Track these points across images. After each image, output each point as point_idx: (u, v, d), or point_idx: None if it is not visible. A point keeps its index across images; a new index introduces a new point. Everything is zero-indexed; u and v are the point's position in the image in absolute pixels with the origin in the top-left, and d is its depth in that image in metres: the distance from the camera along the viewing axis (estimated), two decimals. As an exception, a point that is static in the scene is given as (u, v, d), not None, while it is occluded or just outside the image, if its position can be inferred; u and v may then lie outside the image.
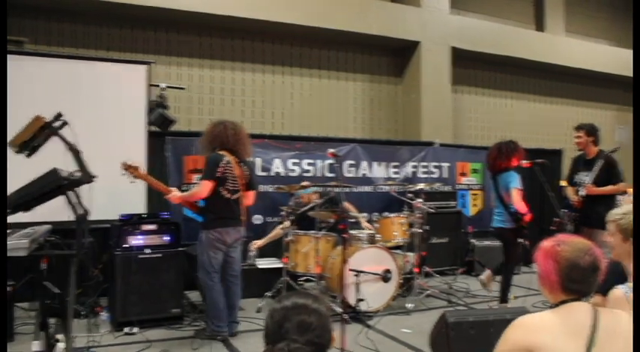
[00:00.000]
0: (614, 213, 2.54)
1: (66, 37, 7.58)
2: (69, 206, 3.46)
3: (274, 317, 1.59)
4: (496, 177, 5.79)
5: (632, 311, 2.22)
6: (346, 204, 6.12)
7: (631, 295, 2.27)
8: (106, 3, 7.26)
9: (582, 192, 5.69)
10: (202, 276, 4.90)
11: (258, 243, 6.42)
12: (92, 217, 3.63)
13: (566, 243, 2.02)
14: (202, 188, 4.77)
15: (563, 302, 2.00)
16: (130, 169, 4.86)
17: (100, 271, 5.57)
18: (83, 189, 3.60)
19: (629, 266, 2.45)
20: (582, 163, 5.97)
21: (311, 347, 1.52)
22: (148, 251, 5.22)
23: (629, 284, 2.32)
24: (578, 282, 1.97)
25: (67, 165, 3.57)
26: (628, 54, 12.89)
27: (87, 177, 3.56)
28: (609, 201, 5.65)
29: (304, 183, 6.41)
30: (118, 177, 4.94)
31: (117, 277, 5.08)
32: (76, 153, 3.61)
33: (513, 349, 1.95)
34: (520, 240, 5.58)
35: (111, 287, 5.35)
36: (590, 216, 5.60)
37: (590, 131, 5.92)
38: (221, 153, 4.88)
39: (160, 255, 5.26)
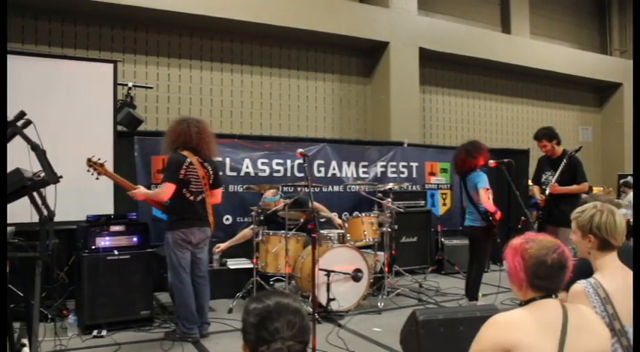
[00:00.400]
0: (576, 211, 2.60)
1: (29, 34, 7.41)
2: (33, 207, 3.39)
3: (257, 317, 1.56)
4: (465, 179, 5.88)
5: (591, 306, 2.28)
6: (316, 204, 6.11)
7: (590, 289, 2.33)
8: (74, 0, 7.13)
9: (547, 190, 5.81)
10: (172, 278, 4.85)
11: (221, 247, 6.37)
12: (58, 218, 3.56)
13: (533, 241, 2.06)
14: (165, 190, 4.69)
15: (532, 299, 2.04)
16: (94, 166, 4.77)
17: (65, 273, 5.47)
18: (49, 190, 3.52)
19: (594, 263, 2.51)
20: (548, 163, 6.10)
21: (300, 345, 1.52)
22: (116, 252, 5.13)
23: (591, 280, 2.38)
24: (545, 279, 2.01)
25: (32, 166, 3.49)
26: (591, 56, 13.25)
27: (52, 178, 3.49)
28: (574, 200, 5.77)
29: (271, 191, 6.39)
30: (85, 178, 4.85)
31: (84, 279, 4.98)
32: (40, 152, 3.53)
33: (490, 347, 1.97)
34: (494, 238, 5.68)
35: (78, 289, 5.25)
36: (555, 215, 5.73)
37: (550, 136, 6.04)
38: (184, 153, 4.80)
39: (128, 257, 5.17)
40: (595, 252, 2.47)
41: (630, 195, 11.66)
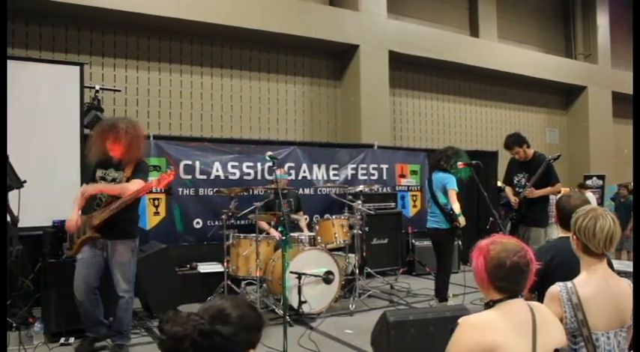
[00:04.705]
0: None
1: (-8, 36, 7.24)
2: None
3: None
4: (431, 176, 5.95)
5: (565, 310, 2.31)
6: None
7: (564, 293, 2.35)
8: (39, 0, 6.99)
9: (524, 193, 5.84)
10: (129, 290, 4.53)
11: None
12: (22, 224, 3.48)
13: (497, 243, 2.10)
14: (137, 186, 4.33)
15: (499, 300, 2.07)
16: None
17: (31, 281, 5.35)
18: (12, 195, 3.45)
19: (582, 263, 2.51)
20: (519, 165, 6.15)
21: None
22: (83, 258, 5.02)
23: (568, 284, 2.39)
24: (504, 281, 2.05)
25: (-5, 170, 3.41)
26: (556, 60, 13.53)
27: (15, 183, 3.42)
28: (544, 201, 5.89)
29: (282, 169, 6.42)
30: (50, 182, 4.76)
31: (51, 286, 4.87)
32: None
33: (467, 348, 1.99)
34: (459, 238, 5.74)
35: (45, 296, 5.13)
36: (527, 216, 5.82)
37: (520, 142, 6.08)
38: None
39: (95, 262, 5.07)
40: (580, 254, 2.48)
41: (586, 195, 12.07)
